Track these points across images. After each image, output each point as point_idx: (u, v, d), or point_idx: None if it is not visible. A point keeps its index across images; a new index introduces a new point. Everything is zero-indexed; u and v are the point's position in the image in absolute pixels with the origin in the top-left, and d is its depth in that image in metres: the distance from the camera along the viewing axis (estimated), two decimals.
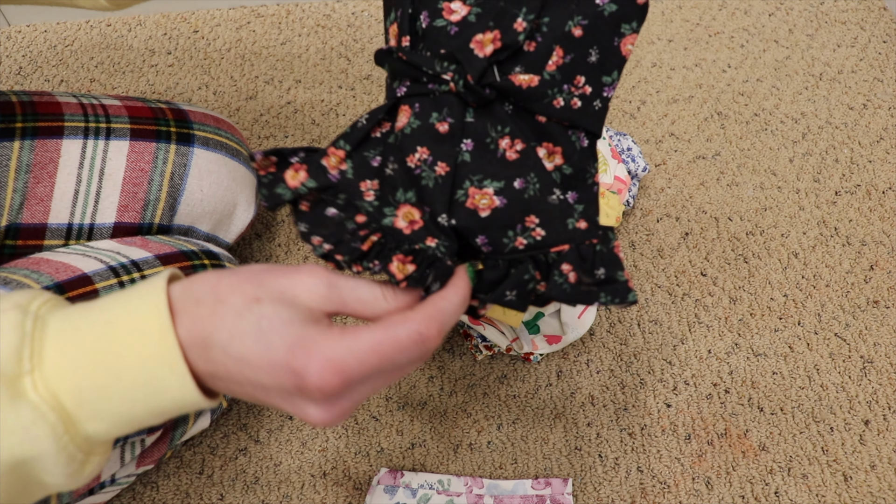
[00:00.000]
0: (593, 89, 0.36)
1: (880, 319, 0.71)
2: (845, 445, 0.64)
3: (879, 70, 0.91)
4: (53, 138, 0.54)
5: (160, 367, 0.28)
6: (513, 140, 0.35)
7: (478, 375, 0.68)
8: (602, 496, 0.62)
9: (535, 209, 0.35)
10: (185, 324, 0.29)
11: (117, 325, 0.29)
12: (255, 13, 0.98)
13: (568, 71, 0.35)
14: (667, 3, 0.99)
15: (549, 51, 0.34)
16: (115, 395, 0.28)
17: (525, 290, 0.35)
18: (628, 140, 0.75)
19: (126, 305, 0.29)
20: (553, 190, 0.36)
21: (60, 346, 0.28)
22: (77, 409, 0.28)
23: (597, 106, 0.36)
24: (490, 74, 0.34)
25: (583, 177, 0.37)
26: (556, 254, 0.35)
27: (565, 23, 0.34)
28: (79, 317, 0.29)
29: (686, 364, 0.69)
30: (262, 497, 0.62)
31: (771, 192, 0.80)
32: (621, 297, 0.34)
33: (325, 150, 0.37)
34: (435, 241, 0.36)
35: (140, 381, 0.28)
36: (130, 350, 0.28)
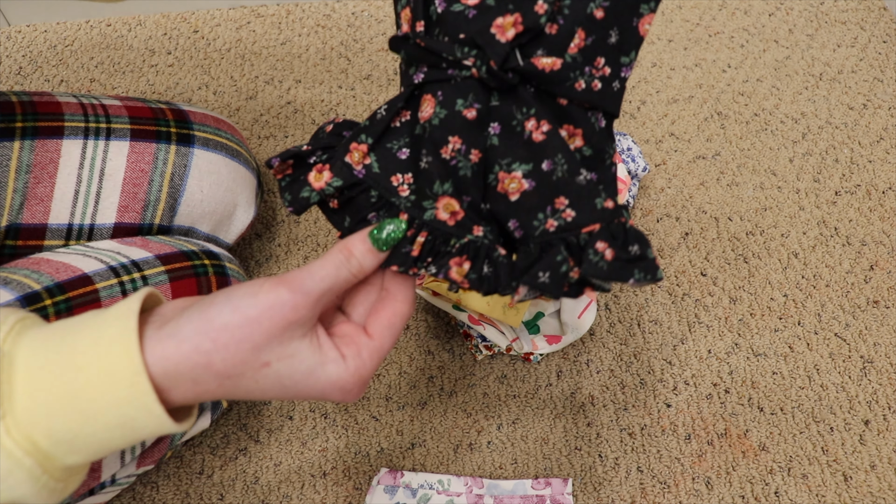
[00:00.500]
0: (612, 70, 0.35)
1: (880, 319, 0.71)
2: (845, 445, 0.64)
3: (879, 70, 0.91)
4: (53, 138, 0.54)
5: (135, 411, 0.28)
6: (539, 121, 0.35)
7: (478, 375, 0.68)
8: (602, 496, 0.62)
9: (564, 190, 0.35)
10: (182, 395, 0.30)
11: (88, 369, 0.28)
12: (255, 13, 0.98)
13: (589, 53, 0.35)
14: (667, 3, 0.99)
15: (571, 33, 0.34)
16: (91, 435, 0.28)
17: (558, 273, 0.34)
18: (628, 140, 0.75)
19: (96, 347, 0.28)
20: (580, 170, 0.35)
21: (31, 390, 0.28)
22: (54, 448, 0.28)
23: (615, 87, 0.36)
24: (513, 59, 0.34)
25: (601, 157, 0.37)
26: (588, 234, 0.35)
27: (587, 5, 0.33)
28: (48, 354, 0.28)
29: (686, 364, 0.69)
30: (262, 497, 0.62)
31: (771, 192, 0.80)
32: (652, 273, 0.34)
33: (347, 145, 0.37)
34: (481, 229, 0.36)
35: (115, 422, 0.28)
36: (103, 396, 0.28)
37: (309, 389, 0.32)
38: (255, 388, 0.31)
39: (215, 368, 0.30)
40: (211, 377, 0.30)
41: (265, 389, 0.31)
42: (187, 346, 0.29)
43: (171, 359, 0.29)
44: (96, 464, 0.50)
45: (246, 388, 0.31)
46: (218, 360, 0.30)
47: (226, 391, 0.31)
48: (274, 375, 0.31)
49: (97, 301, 0.48)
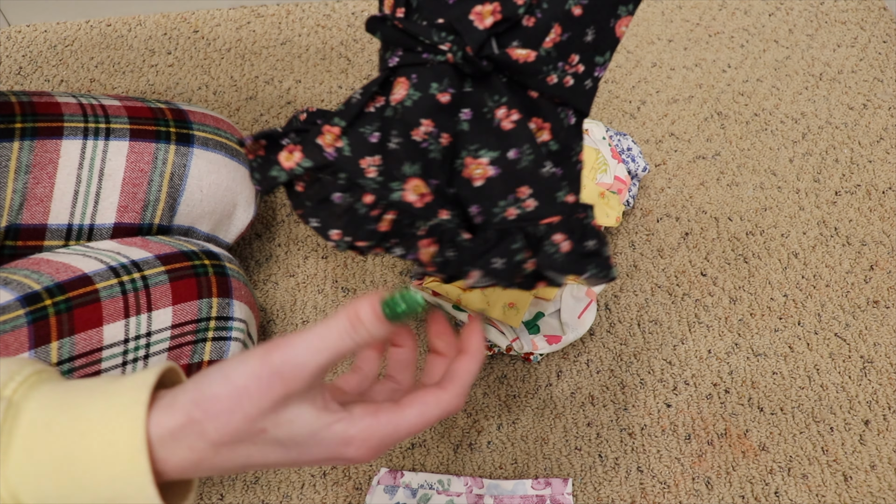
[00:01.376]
0: (586, 68, 0.36)
1: (880, 319, 0.71)
2: (845, 445, 0.64)
3: (879, 70, 0.91)
4: (53, 139, 0.54)
5: (128, 488, 0.28)
6: (509, 110, 0.35)
7: (478, 375, 0.68)
8: (602, 496, 0.62)
9: (528, 180, 0.35)
10: (179, 463, 0.29)
11: (91, 436, 0.28)
12: (255, 13, 0.98)
13: (564, 49, 0.35)
14: (667, 3, 0.99)
15: (547, 27, 0.34)
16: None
17: (513, 261, 0.34)
18: (628, 140, 0.75)
19: (103, 416, 0.28)
20: (545, 162, 0.35)
21: (29, 446, 0.27)
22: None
23: (588, 85, 0.36)
24: (488, 47, 0.34)
25: (568, 154, 0.37)
26: (547, 226, 0.35)
27: (566, 1, 0.34)
28: (54, 413, 0.28)
29: (686, 364, 0.69)
30: (262, 497, 0.62)
31: (771, 192, 0.80)
32: (606, 271, 0.34)
33: (320, 128, 0.37)
34: (447, 213, 0.36)
35: (105, 497, 0.28)
36: (100, 467, 0.27)
37: (315, 450, 0.31)
38: (257, 454, 0.30)
39: (209, 437, 0.29)
40: (206, 445, 0.29)
41: (268, 456, 0.30)
42: (180, 415, 0.29)
43: (166, 426, 0.29)
44: None
45: (247, 455, 0.30)
46: (210, 429, 0.29)
47: (226, 460, 0.30)
48: (272, 440, 0.30)
49: (97, 301, 0.48)
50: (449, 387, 0.33)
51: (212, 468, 0.30)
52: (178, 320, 0.52)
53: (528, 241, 0.35)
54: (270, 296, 0.73)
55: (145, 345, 0.51)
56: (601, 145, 0.72)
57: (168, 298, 0.52)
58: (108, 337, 0.49)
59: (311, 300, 0.73)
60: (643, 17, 0.97)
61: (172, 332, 0.52)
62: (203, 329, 0.54)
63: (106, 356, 0.49)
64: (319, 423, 0.30)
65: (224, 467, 0.30)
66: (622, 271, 0.74)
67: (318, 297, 0.73)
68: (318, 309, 0.72)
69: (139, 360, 0.51)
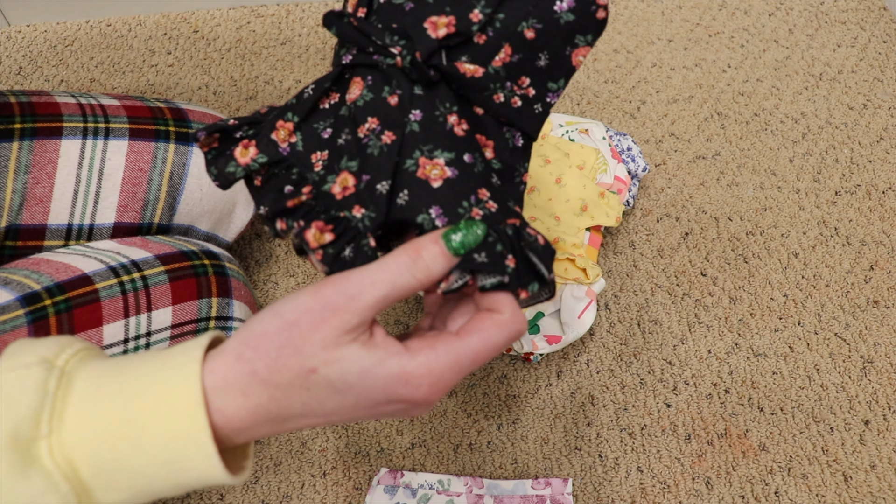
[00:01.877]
0: (537, 92, 0.36)
1: (880, 319, 0.71)
2: (845, 445, 0.64)
3: (879, 70, 0.91)
4: (52, 139, 0.54)
5: (187, 447, 0.27)
6: (460, 119, 0.35)
7: (478, 375, 0.68)
8: (602, 496, 0.62)
9: (485, 184, 0.35)
10: (235, 414, 0.28)
11: (146, 397, 0.27)
12: (255, 13, 0.98)
13: (514, 70, 0.35)
14: (667, 3, 0.99)
15: (497, 46, 0.34)
16: (135, 470, 0.27)
17: (494, 251, 0.33)
18: (628, 140, 0.75)
19: (157, 377, 0.28)
20: (492, 174, 0.36)
21: (83, 412, 0.27)
22: (93, 479, 0.27)
23: (537, 109, 0.36)
24: (437, 57, 0.34)
25: (511, 174, 0.37)
26: (512, 225, 0.34)
27: (519, 23, 0.34)
28: (107, 380, 0.28)
29: (686, 364, 0.68)
30: (262, 497, 0.62)
31: (771, 192, 0.80)
32: (550, 288, 0.34)
33: (273, 122, 0.37)
34: (362, 210, 0.34)
35: (164, 458, 0.27)
36: (157, 426, 0.27)
37: (371, 393, 0.29)
38: (309, 399, 0.29)
39: (260, 376, 0.28)
40: (258, 387, 0.28)
41: (324, 403, 0.29)
42: (230, 356, 0.28)
43: (218, 372, 0.28)
44: None
45: (303, 403, 0.29)
46: (261, 367, 0.28)
47: (283, 409, 0.29)
48: (324, 381, 0.29)
49: (97, 301, 0.48)
50: (504, 309, 0.31)
51: (269, 420, 0.29)
52: (177, 320, 0.52)
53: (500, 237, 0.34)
54: (270, 296, 0.73)
55: (145, 344, 0.51)
56: (601, 145, 0.72)
57: (168, 298, 0.52)
58: (108, 337, 0.49)
59: None
60: (643, 17, 0.97)
61: (172, 331, 0.52)
62: (203, 329, 0.54)
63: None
64: (371, 359, 0.29)
65: (282, 417, 0.29)
66: (622, 271, 0.74)
67: None
68: None
69: None
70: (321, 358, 0.28)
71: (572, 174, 0.69)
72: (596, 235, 0.68)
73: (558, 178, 0.69)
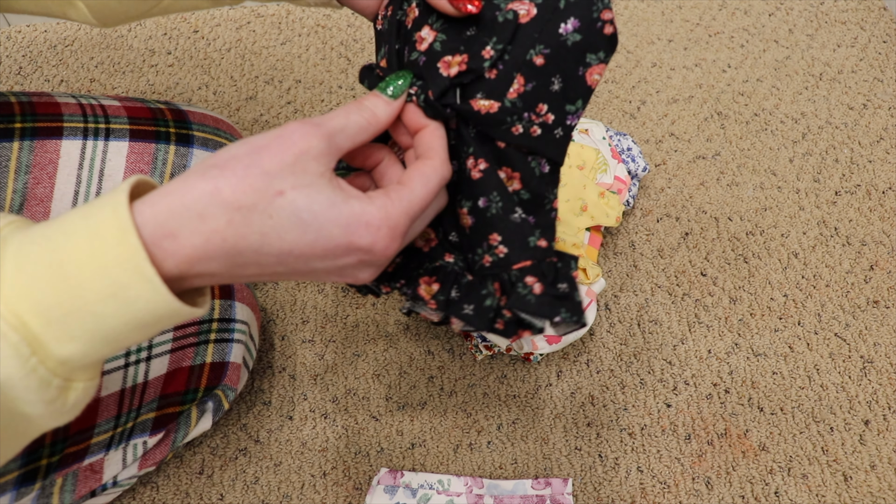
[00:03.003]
0: (556, 117, 0.36)
1: (880, 319, 0.71)
2: (845, 445, 0.64)
3: (879, 70, 0.91)
4: (52, 139, 0.54)
5: (124, 274, 0.26)
6: (476, 160, 0.36)
7: (478, 375, 0.68)
8: (602, 496, 0.62)
9: (498, 227, 0.36)
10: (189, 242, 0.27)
11: (77, 234, 0.26)
12: (255, 13, 0.98)
13: (529, 99, 0.35)
14: (667, 3, 0.99)
15: (510, 78, 0.34)
16: (82, 311, 0.26)
17: (482, 306, 0.35)
18: (628, 140, 0.75)
19: (85, 213, 0.27)
20: (515, 209, 0.36)
21: (18, 262, 0.26)
22: (44, 329, 0.26)
23: (558, 134, 0.36)
24: (451, 96, 0.35)
25: (541, 202, 0.37)
26: (519, 270, 0.36)
27: (527, 51, 0.34)
28: (38, 232, 0.27)
29: (686, 364, 0.69)
30: (262, 497, 0.62)
31: (771, 192, 0.80)
32: (578, 315, 0.35)
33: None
34: (452, 256, 0.37)
35: (105, 291, 0.26)
36: (91, 259, 0.26)
37: (334, 231, 0.29)
38: (269, 228, 0.28)
39: (222, 195, 0.27)
40: (217, 208, 0.27)
41: (281, 231, 0.28)
42: (194, 177, 0.27)
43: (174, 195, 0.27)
44: (98, 465, 0.50)
45: (260, 228, 0.28)
46: (225, 185, 0.27)
47: (236, 234, 0.27)
48: (290, 207, 0.28)
49: None
50: (432, 154, 0.34)
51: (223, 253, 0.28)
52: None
53: (503, 287, 0.36)
54: (270, 296, 0.73)
55: (147, 347, 0.51)
56: (601, 145, 0.72)
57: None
58: None
59: (311, 300, 0.73)
60: (643, 17, 0.97)
61: (174, 333, 0.52)
62: (205, 331, 0.54)
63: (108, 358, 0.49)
64: (338, 195, 0.29)
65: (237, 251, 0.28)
66: (622, 271, 0.75)
67: (318, 296, 0.73)
68: (318, 309, 0.72)
69: (141, 361, 0.51)
70: (290, 181, 0.28)
71: (572, 174, 0.69)
72: (596, 235, 0.68)
73: None
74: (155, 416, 0.52)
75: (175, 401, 0.53)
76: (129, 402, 0.51)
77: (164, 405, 0.53)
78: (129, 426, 0.51)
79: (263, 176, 0.28)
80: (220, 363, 0.55)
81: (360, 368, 0.69)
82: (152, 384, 0.52)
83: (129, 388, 0.50)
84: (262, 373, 0.69)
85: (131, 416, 0.51)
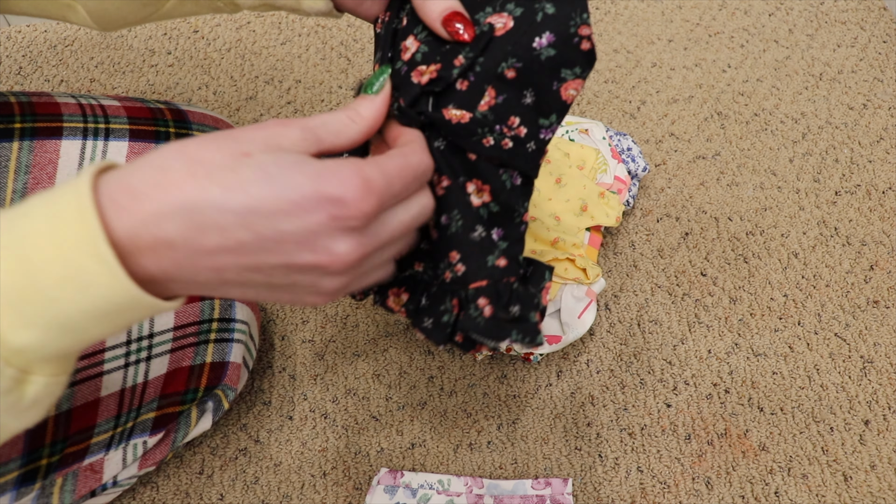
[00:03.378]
0: (529, 130, 0.35)
1: (880, 319, 0.71)
2: (845, 445, 0.64)
3: (879, 70, 0.91)
4: (52, 139, 0.54)
5: (80, 256, 0.24)
6: (440, 176, 0.35)
7: (478, 375, 0.68)
8: (602, 496, 0.62)
9: (457, 245, 0.36)
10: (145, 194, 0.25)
11: (36, 215, 0.25)
12: (255, 13, 0.98)
13: (501, 111, 0.35)
14: (667, 3, 0.99)
15: (481, 90, 0.34)
16: (38, 295, 0.24)
17: (440, 322, 0.35)
18: (628, 140, 0.75)
19: (46, 195, 0.25)
20: (476, 227, 0.36)
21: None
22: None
23: (531, 147, 0.36)
24: (424, 103, 0.35)
25: (510, 215, 0.37)
26: (475, 290, 0.35)
27: (498, 64, 0.34)
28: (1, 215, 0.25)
29: (686, 364, 0.69)
30: (262, 497, 0.62)
31: (771, 192, 0.80)
32: (531, 337, 0.35)
33: None
34: (422, 265, 0.37)
35: (61, 274, 0.24)
36: (48, 239, 0.24)
37: (298, 179, 0.27)
38: (232, 181, 0.26)
39: (187, 151, 0.26)
40: (181, 161, 0.26)
41: (245, 183, 0.26)
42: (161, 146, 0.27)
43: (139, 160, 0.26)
44: (98, 465, 0.50)
45: (223, 182, 0.26)
46: (191, 144, 0.27)
47: (197, 187, 0.26)
48: (255, 163, 0.26)
49: None
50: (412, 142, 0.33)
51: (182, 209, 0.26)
52: (179, 322, 0.52)
53: (460, 304, 0.36)
54: None
55: (147, 346, 0.51)
56: (601, 145, 0.72)
57: None
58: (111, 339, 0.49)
59: None
60: (643, 17, 0.97)
61: (174, 333, 0.52)
62: (205, 331, 0.54)
63: (108, 358, 0.49)
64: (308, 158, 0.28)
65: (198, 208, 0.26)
66: (622, 271, 0.75)
67: None
68: (318, 309, 0.72)
69: (141, 361, 0.51)
70: (258, 146, 0.27)
71: (572, 174, 0.69)
72: (596, 235, 0.68)
73: (558, 178, 0.69)
74: (155, 416, 0.52)
75: (175, 400, 0.53)
76: (128, 401, 0.51)
77: (164, 405, 0.53)
78: (129, 426, 0.51)
79: (232, 141, 0.27)
80: (220, 363, 0.55)
81: (360, 368, 0.69)
82: (152, 384, 0.52)
83: (129, 388, 0.50)
84: (262, 373, 0.69)
85: (131, 416, 0.51)
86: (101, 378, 0.49)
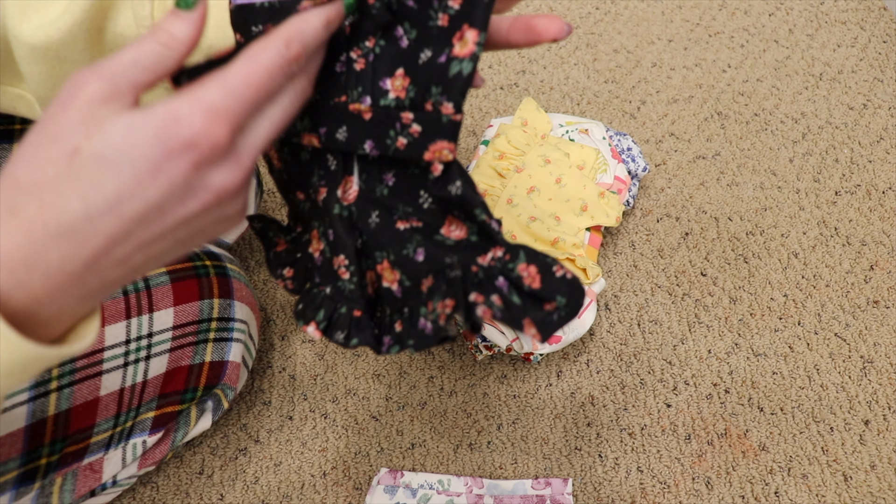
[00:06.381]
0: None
1: (880, 319, 0.71)
2: (845, 445, 0.64)
3: (879, 70, 0.91)
4: None
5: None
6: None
7: (478, 375, 0.68)
8: (602, 496, 0.62)
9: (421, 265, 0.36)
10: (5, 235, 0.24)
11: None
12: None
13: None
14: (667, 3, 0.99)
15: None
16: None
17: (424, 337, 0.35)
18: (628, 140, 0.75)
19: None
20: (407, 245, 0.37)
21: None
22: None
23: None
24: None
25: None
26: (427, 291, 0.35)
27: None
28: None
29: (686, 364, 0.69)
30: (262, 497, 0.62)
31: (771, 192, 0.80)
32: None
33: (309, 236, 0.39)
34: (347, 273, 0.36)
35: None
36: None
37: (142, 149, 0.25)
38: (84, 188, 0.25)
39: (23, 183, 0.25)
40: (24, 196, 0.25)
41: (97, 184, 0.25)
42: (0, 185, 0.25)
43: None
44: (97, 465, 0.50)
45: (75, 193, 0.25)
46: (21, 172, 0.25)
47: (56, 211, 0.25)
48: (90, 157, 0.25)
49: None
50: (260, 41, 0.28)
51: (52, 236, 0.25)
52: (179, 321, 0.52)
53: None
54: (270, 296, 0.73)
55: (146, 346, 0.51)
56: (601, 145, 0.72)
57: (169, 299, 0.52)
58: (110, 338, 0.49)
59: None
60: (643, 17, 0.97)
61: (174, 332, 0.52)
62: (204, 330, 0.54)
63: (107, 357, 0.49)
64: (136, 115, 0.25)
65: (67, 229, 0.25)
66: (622, 271, 0.74)
67: None
68: None
69: (140, 360, 0.51)
70: (80, 134, 0.25)
71: (572, 174, 0.69)
72: (596, 235, 0.68)
73: (558, 178, 0.69)
74: (154, 416, 0.52)
75: (174, 400, 0.53)
76: (128, 401, 0.51)
77: (164, 404, 0.53)
78: (128, 425, 0.51)
79: (52, 144, 0.25)
80: (220, 362, 0.55)
81: (360, 368, 0.69)
82: (151, 383, 0.52)
83: (129, 388, 0.50)
84: (262, 373, 0.69)
85: (130, 416, 0.51)
86: (100, 377, 0.49)
